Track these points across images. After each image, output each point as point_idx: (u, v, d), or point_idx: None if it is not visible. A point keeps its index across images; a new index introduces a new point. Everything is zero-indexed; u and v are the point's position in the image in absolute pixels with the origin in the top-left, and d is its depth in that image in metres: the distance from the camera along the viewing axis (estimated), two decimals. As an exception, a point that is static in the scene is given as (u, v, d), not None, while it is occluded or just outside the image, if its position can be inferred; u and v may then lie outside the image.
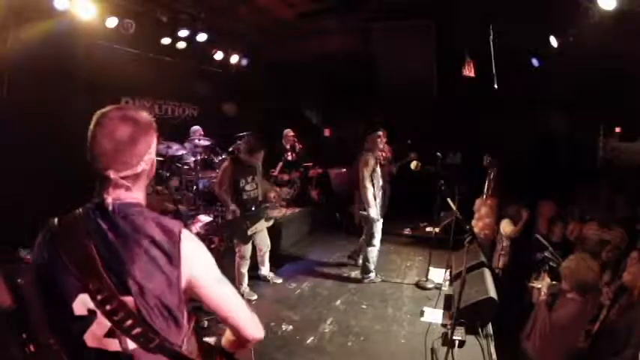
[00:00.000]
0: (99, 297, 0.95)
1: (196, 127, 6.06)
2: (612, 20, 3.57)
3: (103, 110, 1.04)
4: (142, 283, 0.97)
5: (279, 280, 4.40)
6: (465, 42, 5.49)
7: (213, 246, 4.69)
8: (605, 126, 6.68)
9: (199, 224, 4.93)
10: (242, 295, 3.91)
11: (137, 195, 1.08)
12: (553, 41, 4.52)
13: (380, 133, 4.33)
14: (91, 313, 0.97)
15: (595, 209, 4.15)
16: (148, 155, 1.07)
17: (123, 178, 1.02)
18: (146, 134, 1.06)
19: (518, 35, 4.84)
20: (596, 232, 3.81)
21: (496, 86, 5.00)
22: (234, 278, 4.02)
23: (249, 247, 3.97)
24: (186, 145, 5.73)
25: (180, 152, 5.56)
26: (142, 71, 5.30)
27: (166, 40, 5.25)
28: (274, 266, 4.55)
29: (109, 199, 1.01)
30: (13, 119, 3.76)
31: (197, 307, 1.30)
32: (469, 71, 5.47)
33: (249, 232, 3.88)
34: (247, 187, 3.90)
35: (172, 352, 1.01)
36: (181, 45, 5.41)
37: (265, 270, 4.36)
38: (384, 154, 5.66)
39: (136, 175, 1.06)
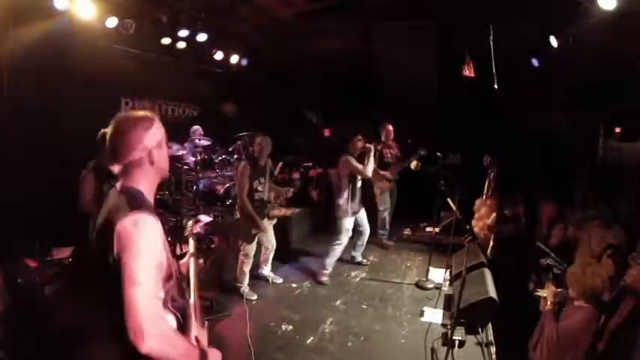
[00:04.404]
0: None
1: (196, 127, 6.06)
2: (612, 20, 3.57)
3: None
4: None
5: (280, 280, 4.40)
6: (465, 42, 5.49)
7: (213, 246, 4.69)
8: (605, 126, 6.67)
9: (199, 224, 4.94)
10: (242, 295, 3.91)
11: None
12: (553, 41, 4.52)
13: (360, 136, 4.40)
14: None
15: (594, 210, 4.13)
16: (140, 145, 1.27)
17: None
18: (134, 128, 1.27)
19: (518, 35, 4.84)
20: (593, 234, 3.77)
21: (496, 86, 5.00)
22: (235, 278, 4.03)
23: (253, 246, 3.97)
24: (186, 145, 5.74)
25: (180, 152, 5.56)
26: (142, 71, 5.31)
27: (166, 40, 5.25)
28: (274, 266, 4.55)
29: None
30: (13, 119, 3.76)
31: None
32: (469, 71, 5.46)
33: (254, 232, 3.89)
34: (259, 188, 3.93)
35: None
36: (181, 45, 5.40)
37: (267, 270, 4.36)
38: (392, 152, 5.68)
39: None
